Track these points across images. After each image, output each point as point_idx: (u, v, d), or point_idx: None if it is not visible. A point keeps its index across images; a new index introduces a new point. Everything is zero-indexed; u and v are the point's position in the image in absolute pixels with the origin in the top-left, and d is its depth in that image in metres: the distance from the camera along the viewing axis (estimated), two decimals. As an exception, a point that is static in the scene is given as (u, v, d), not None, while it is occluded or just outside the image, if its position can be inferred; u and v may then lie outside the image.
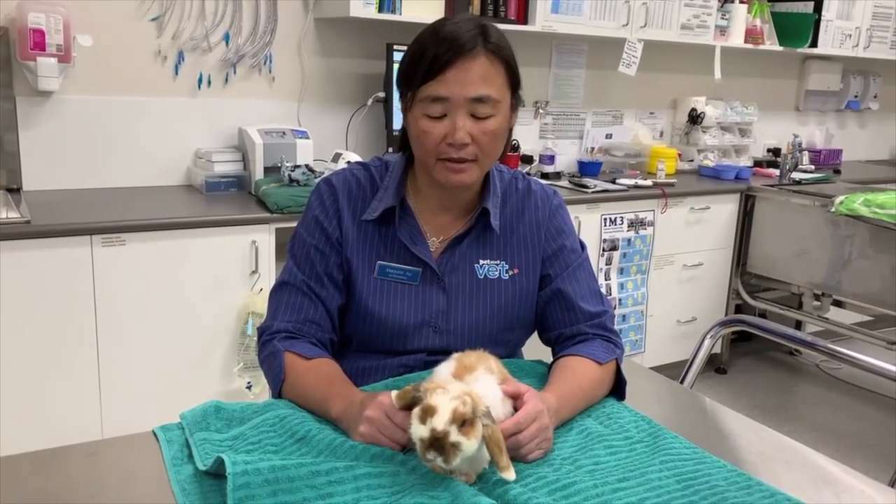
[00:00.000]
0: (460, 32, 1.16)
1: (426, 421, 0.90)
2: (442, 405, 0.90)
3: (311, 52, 2.98)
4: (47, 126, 2.56)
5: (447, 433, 0.89)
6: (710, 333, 1.87)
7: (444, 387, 0.94)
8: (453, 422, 0.89)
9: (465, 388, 0.94)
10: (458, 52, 1.15)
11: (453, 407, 0.90)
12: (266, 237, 2.44)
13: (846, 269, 3.23)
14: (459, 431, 0.89)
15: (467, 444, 0.90)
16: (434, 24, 1.21)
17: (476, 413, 0.91)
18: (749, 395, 3.58)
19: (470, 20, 1.19)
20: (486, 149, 1.21)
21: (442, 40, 1.16)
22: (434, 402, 0.91)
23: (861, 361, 1.70)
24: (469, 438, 0.90)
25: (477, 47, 1.16)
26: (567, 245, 1.34)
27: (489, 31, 1.19)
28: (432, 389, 0.93)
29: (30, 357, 2.15)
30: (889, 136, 5.18)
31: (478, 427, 0.91)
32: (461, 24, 1.18)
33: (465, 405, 0.91)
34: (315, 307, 1.26)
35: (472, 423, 0.91)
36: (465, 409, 0.90)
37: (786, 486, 1.02)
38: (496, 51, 1.18)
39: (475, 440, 0.91)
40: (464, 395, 0.92)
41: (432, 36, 1.18)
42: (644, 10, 3.38)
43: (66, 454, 1.05)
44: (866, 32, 4.30)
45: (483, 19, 1.22)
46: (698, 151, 3.97)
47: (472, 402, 0.92)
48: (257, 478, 0.89)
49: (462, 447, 0.90)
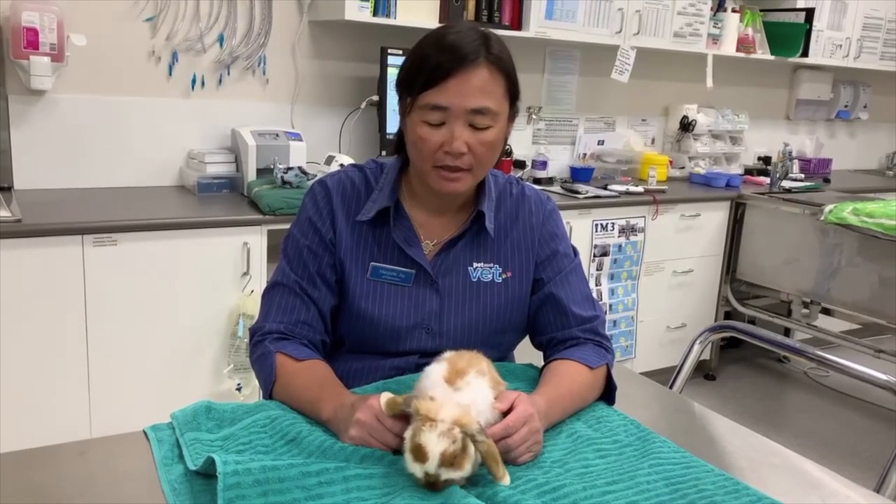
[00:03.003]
0: (463, 42, 1.16)
1: (417, 462, 0.93)
2: (431, 448, 0.92)
3: (305, 55, 2.99)
4: (39, 125, 2.55)
5: (438, 476, 0.92)
6: (700, 339, 1.88)
7: (433, 416, 0.93)
8: (443, 464, 0.92)
9: (454, 414, 0.94)
10: (460, 63, 1.15)
11: (442, 449, 0.91)
12: (258, 239, 2.44)
13: (835, 278, 3.25)
14: (450, 468, 0.92)
15: (460, 474, 0.93)
16: (437, 32, 1.21)
17: (466, 442, 0.93)
18: (737, 401, 3.59)
19: (473, 30, 1.19)
20: (482, 159, 1.21)
21: (444, 49, 1.16)
22: (423, 443, 0.92)
23: (849, 369, 1.71)
24: (462, 469, 0.93)
25: (479, 58, 1.16)
26: (560, 250, 1.35)
27: (491, 42, 1.19)
28: (422, 417, 0.93)
29: (20, 356, 2.14)
30: (878, 146, 5.22)
31: (469, 452, 0.94)
32: (464, 33, 1.18)
33: (454, 442, 0.92)
34: (307, 308, 1.26)
35: (464, 452, 0.93)
36: (454, 447, 0.92)
37: (773, 491, 1.03)
38: (497, 62, 1.18)
39: (468, 466, 0.94)
40: (453, 427, 0.93)
41: (435, 43, 1.18)
42: (637, 18, 3.40)
43: (55, 453, 1.05)
44: (857, 43, 4.34)
45: (485, 28, 1.22)
46: (689, 159, 3.99)
47: (461, 432, 0.93)
48: (248, 478, 0.90)
49: (454, 481, 0.93)
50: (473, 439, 0.94)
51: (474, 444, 0.94)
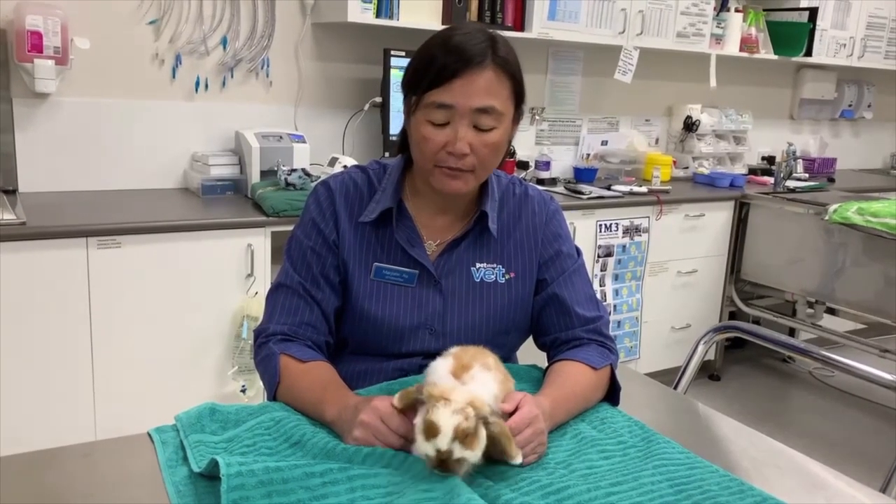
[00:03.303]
0: (470, 44, 1.17)
1: (430, 439, 0.92)
2: (444, 423, 0.91)
3: (308, 57, 2.99)
4: (44, 128, 2.56)
5: (451, 452, 0.92)
6: (704, 340, 1.88)
7: (447, 396, 0.94)
8: (456, 439, 0.91)
9: (467, 397, 0.95)
10: (467, 64, 1.16)
11: (455, 424, 0.91)
12: (262, 241, 2.44)
13: (840, 278, 3.24)
14: (463, 445, 0.92)
15: (472, 455, 0.93)
16: (444, 33, 1.21)
17: (478, 424, 0.93)
18: (742, 401, 3.58)
19: (480, 31, 1.19)
20: (485, 160, 1.21)
21: (451, 50, 1.16)
22: (436, 419, 0.92)
23: (854, 369, 1.71)
24: (473, 449, 0.93)
25: (486, 60, 1.16)
26: (563, 250, 1.35)
27: (498, 45, 1.19)
28: (435, 397, 0.94)
29: (25, 358, 2.14)
30: (883, 145, 5.21)
31: (480, 436, 0.93)
32: (471, 35, 1.18)
33: (467, 419, 0.92)
34: (311, 310, 1.27)
35: (475, 433, 0.93)
36: (467, 423, 0.92)
37: (778, 492, 1.02)
38: (503, 65, 1.19)
39: (479, 449, 0.93)
40: (466, 406, 0.93)
41: (442, 44, 1.18)
42: (640, 18, 3.40)
43: (59, 455, 1.05)
44: (860, 42, 4.33)
45: (493, 31, 1.22)
46: (693, 159, 3.98)
47: (474, 412, 0.93)
48: (251, 479, 0.90)
49: (467, 460, 0.93)
50: (486, 421, 0.94)
51: (486, 427, 0.94)
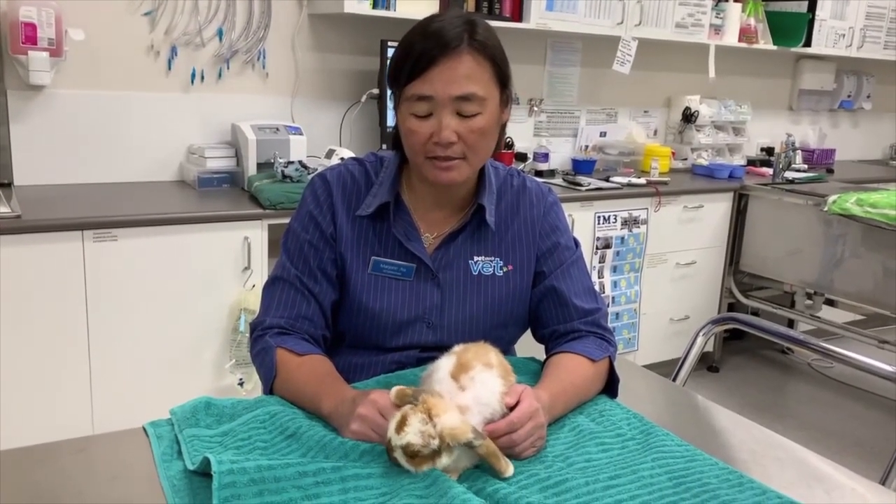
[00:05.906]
0: (446, 29, 1.15)
1: (398, 432, 0.93)
2: (408, 430, 0.92)
3: (304, 48, 2.97)
4: (38, 120, 2.54)
5: (392, 448, 0.94)
6: (703, 331, 1.87)
7: (436, 412, 0.94)
8: (404, 452, 0.93)
9: (450, 423, 0.93)
10: (443, 50, 1.14)
11: (409, 440, 0.92)
12: (258, 233, 2.43)
13: (838, 269, 3.24)
14: (408, 460, 0.93)
15: (410, 467, 0.94)
16: (423, 21, 1.20)
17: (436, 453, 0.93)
18: (741, 393, 3.59)
19: (458, 16, 1.18)
20: (474, 147, 1.20)
21: (428, 36, 1.15)
22: (407, 423, 0.93)
23: (853, 360, 1.70)
24: (417, 467, 0.94)
25: (462, 45, 1.15)
26: (561, 242, 1.34)
27: (476, 28, 1.17)
28: (430, 404, 0.94)
29: (20, 352, 2.14)
30: (882, 136, 5.19)
31: (435, 462, 0.94)
32: (448, 20, 1.17)
33: (424, 446, 0.92)
34: (308, 303, 1.26)
35: (429, 458, 0.93)
36: (420, 447, 0.92)
37: (777, 484, 1.02)
38: (482, 48, 1.17)
39: (424, 467, 0.94)
40: (441, 431, 0.92)
41: (420, 32, 1.17)
42: (639, 9, 3.38)
43: (55, 450, 1.04)
44: (860, 32, 4.31)
45: (473, 15, 1.20)
46: (692, 150, 3.97)
47: (439, 444, 0.93)
48: (243, 477, 0.89)
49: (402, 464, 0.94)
50: (470, 445, 0.94)
51: (472, 449, 0.95)
